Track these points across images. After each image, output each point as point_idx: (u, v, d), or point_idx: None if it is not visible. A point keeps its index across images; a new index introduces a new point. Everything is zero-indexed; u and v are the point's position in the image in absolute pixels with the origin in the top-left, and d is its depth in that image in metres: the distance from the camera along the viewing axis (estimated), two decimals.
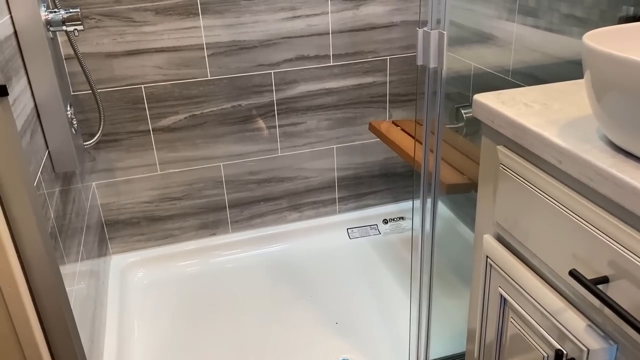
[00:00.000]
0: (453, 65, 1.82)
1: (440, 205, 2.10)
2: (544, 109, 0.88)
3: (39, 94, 1.17)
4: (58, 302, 0.92)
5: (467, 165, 1.49)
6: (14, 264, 0.86)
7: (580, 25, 1.27)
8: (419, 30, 0.97)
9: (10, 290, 0.86)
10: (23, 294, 0.89)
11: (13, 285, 0.87)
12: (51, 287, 0.92)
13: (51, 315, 0.94)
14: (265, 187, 1.95)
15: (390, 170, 2.07)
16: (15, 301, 0.88)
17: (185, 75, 1.72)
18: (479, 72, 1.70)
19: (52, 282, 0.91)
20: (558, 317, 0.81)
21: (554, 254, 0.81)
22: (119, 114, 1.71)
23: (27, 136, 1.09)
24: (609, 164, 0.68)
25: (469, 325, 1.14)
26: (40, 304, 0.92)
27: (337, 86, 1.88)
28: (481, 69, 1.69)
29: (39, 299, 0.92)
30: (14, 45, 1.10)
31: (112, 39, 1.62)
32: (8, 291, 0.86)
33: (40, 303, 0.92)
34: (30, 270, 0.90)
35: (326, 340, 1.57)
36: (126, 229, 1.87)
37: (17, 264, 0.87)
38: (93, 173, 1.77)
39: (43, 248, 0.89)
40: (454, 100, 1.86)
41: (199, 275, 1.88)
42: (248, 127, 1.84)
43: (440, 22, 0.94)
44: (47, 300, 0.93)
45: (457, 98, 1.85)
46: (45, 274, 0.91)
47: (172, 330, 1.64)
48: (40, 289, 0.92)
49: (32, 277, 0.90)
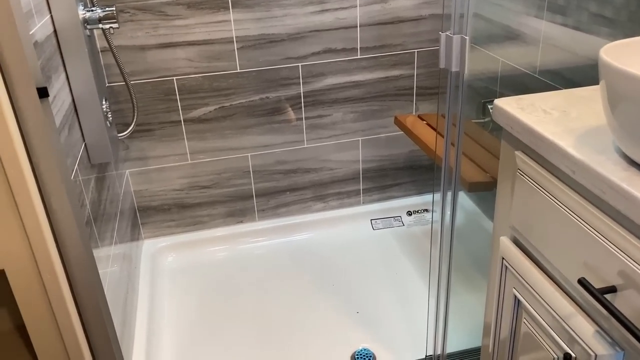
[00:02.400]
0: (480, 60, 1.82)
1: (465, 198, 2.11)
2: (563, 117, 0.89)
3: (77, 89, 1.23)
4: (93, 289, 0.99)
5: (491, 162, 1.50)
6: (53, 254, 0.92)
7: (609, 26, 1.25)
8: (441, 34, 0.99)
9: (50, 278, 0.93)
10: (61, 281, 0.95)
11: (52, 273, 0.93)
12: (86, 274, 0.98)
13: (86, 301, 1.01)
14: (291, 177, 2.00)
15: (415, 163, 2.09)
16: (54, 288, 0.94)
17: (216, 68, 1.77)
18: (507, 67, 1.70)
19: (87, 270, 0.98)
20: (568, 322, 0.84)
21: (566, 261, 0.83)
22: (152, 104, 1.77)
23: (66, 131, 1.15)
24: (620, 178, 0.69)
25: (485, 320, 1.16)
26: (76, 290, 0.98)
27: (364, 79, 1.90)
28: (509, 64, 1.68)
29: (75, 285, 0.98)
30: (53, 44, 1.16)
31: (145, 32, 1.68)
32: (48, 279, 0.93)
33: (76, 289, 0.98)
34: (68, 259, 0.96)
35: (347, 329, 1.61)
36: (157, 215, 1.95)
37: (56, 253, 0.93)
38: (127, 161, 1.84)
39: (79, 238, 0.95)
40: (481, 95, 1.86)
41: (226, 261, 1.94)
42: (275, 119, 1.88)
43: (462, 27, 0.95)
44: (83, 287, 0.99)
45: (484, 92, 1.85)
46: (81, 263, 0.97)
47: (200, 313, 1.71)
48: (76, 276, 0.98)
49: (70, 266, 0.96)
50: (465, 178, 1.40)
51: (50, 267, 0.93)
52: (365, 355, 1.52)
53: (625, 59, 0.75)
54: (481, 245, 1.91)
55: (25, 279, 0.92)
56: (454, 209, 1.31)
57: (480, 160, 1.52)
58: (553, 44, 1.46)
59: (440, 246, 1.36)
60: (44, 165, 0.89)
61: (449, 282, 1.37)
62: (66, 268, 0.97)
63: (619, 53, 0.75)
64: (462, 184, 1.42)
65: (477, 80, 1.86)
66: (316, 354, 1.53)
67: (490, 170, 1.46)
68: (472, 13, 0.94)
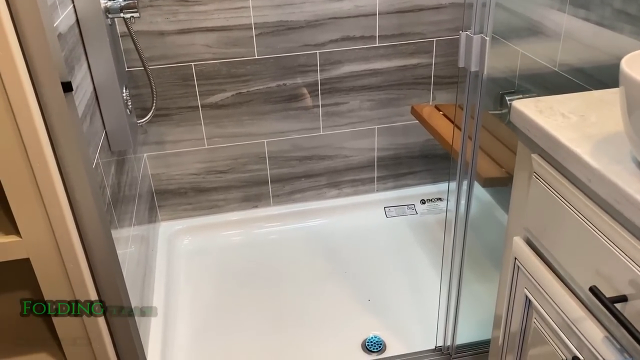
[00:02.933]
0: (500, 50, 1.80)
1: (480, 188, 2.11)
2: (581, 122, 0.89)
3: (98, 78, 1.25)
4: (112, 275, 1.02)
5: (507, 157, 1.50)
6: (75, 242, 0.95)
7: (632, 23, 1.24)
8: (461, 34, 0.98)
9: (72, 267, 0.96)
10: (83, 268, 0.98)
11: (75, 261, 0.96)
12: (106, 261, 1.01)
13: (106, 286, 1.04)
14: (307, 164, 2.01)
15: (431, 152, 2.09)
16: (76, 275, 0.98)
17: (234, 54, 1.77)
18: (526, 60, 1.68)
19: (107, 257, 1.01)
20: (578, 325, 0.85)
21: (578, 267, 0.84)
22: (170, 90, 1.79)
23: (88, 120, 1.17)
24: (635, 189, 0.70)
25: (496, 313, 1.18)
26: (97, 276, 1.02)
27: (382, 67, 1.89)
28: (528, 57, 1.67)
29: (96, 272, 1.01)
30: (76, 34, 1.17)
31: (164, 18, 1.68)
32: (70, 267, 0.96)
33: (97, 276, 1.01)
34: (90, 247, 0.99)
35: (358, 316, 1.64)
36: (174, 198, 1.98)
37: (79, 242, 0.96)
38: (145, 145, 1.86)
39: (101, 228, 0.98)
40: (500, 86, 1.84)
41: (241, 245, 1.97)
42: (292, 105, 1.89)
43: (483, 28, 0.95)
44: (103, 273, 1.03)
45: (502, 83, 1.83)
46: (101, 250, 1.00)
47: (214, 295, 1.75)
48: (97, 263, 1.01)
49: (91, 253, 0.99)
50: (480, 173, 1.41)
51: (73, 256, 0.96)
52: (375, 342, 1.55)
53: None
54: (494, 236, 1.91)
55: (48, 266, 0.96)
56: (468, 201, 1.32)
57: (496, 154, 1.52)
58: (574, 38, 1.44)
59: (453, 238, 1.37)
60: (68, 158, 0.91)
61: (461, 274, 1.38)
62: (87, 255, 1.00)
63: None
64: (477, 178, 1.42)
65: (496, 70, 1.84)
66: (327, 339, 1.57)
67: (505, 165, 1.46)
68: (493, 14, 0.94)
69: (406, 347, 1.51)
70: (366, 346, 1.54)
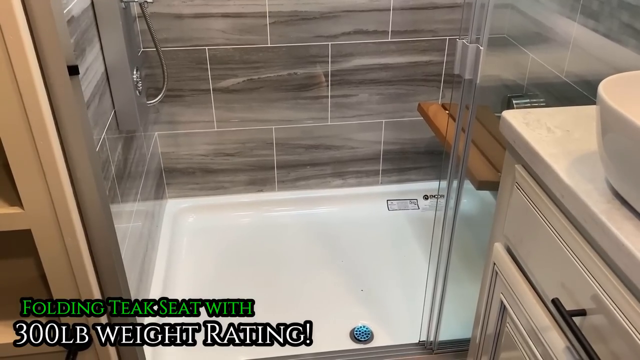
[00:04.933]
0: (511, 52, 1.80)
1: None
2: (565, 137, 0.91)
3: (110, 59, 1.30)
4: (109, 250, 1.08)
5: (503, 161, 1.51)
6: (75, 218, 1.01)
7: (637, 38, 1.24)
8: (458, 41, 1.00)
9: (71, 241, 1.02)
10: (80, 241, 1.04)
11: (73, 235, 1.02)
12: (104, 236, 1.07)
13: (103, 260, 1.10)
14: (313, 152, 2.05)
15: (436, 149, 2.10)
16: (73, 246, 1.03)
17: (247, 40, 1.80)
18: (535, 64, 1.68)
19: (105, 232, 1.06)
20: (544, 334, 0.88)
21: (546, 278, 0.86)
22: (184, 71, 1.83)
23: (97, 100, 1.22)
24: (601, 210, 0.72)
25: (477, 312, 1.21)
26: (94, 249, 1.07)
27: (393, 62, 1.91)
28: (538, 62, 1.67)
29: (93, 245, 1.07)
30: (90, 16, 1.22)
31: (181, 1, 1.72)
32: (69, 241, 1.02)
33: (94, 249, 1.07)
34: (88, 223, 1.04)
35: (350, 305, 1.69)
36: (182, 177, 2.04)
37: (78, 218, 1.02)
38: (156, 124, 1.91)
39: (100, 205, 1.03)
40: (509, 88, 1.85)
41: (244, 226, 2.03)
42: (302, 94, 1.92)
43: (480, 37, 0.97)
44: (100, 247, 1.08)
45: (511, 86, 1.84)
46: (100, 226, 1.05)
47: (213, 273, 1.81)
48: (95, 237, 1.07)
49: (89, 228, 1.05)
50: (475, 175, 1.43)
51: (71, 229, 1.01)
52: (364, 332, 1.59)
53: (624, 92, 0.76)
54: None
55: (48, 238, 1.01)
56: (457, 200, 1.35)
57: (494, 157, 1.53)
58: (582, 48, 1.44)
59: (441, 235, 1.40)
60: (71, 138, 0.96)
61: (446, 271, 1.41)
62: (86, 231, 1.06)
63: (619, 85, 0.76)
64: (472, 181, 1.44)
65: (506, 72, 1.85)
66: (318, 325, 1.62)
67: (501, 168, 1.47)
68: (490, 23, 0.95)
69: (392, 339, 1.55)
70: (354, 335, 1.59)
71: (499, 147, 1.59)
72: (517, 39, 1.77)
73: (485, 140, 1.64)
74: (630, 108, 0.72)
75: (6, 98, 0.86)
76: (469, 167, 1.46)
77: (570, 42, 1.49)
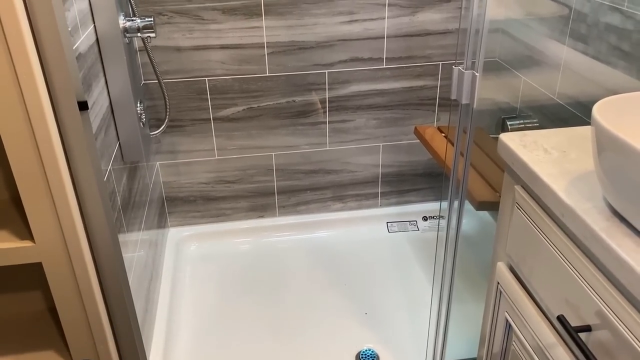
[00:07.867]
0: (503, 75, 1.85)
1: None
2: (562, 157, 0.94)
3: (114, 93, 1.33)
4: (118, 283, 1.09)
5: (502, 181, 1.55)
6: (85, 250, 1.02)
7: (625, 59, 1.28)
8: (454, 68, 1.04)
9: (81, 273, 1.03)
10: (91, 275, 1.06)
11: (84, 268, 1.04)
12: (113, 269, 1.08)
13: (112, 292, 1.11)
14: (313, 177, 2.07)
15: (434, 170, 2.14)
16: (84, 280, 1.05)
17: (246, 70, 1.84)
18: (528, 86, 1.73)
19: (114, 265, 1.08)
20: (550, 351, 0.90)
21: (550, 296, 0.88)
22: (184, 102, 1.87)
23: (102, 133, 1.25)
24: (600, 227, 0.75)
25: (482, 331, 1.23)
26: (104, 282, 1.09)
27: (388, 88, 1.95)
28: (530, 84, 1.71)
29: (103, 278, 1.08)
30: (95, 52, 1.25)
31: (181, 34, 1.76)
32: (80, 273, 1.03)
33: (104, 282, 1.09)
34: (98, 256, 1.06)
35: (354, 328, 1.70)
36: (184, 205, 2.06)
37: (88, 250, 1.03)
38: (158, 154, 1.94)
39: (109, 238, 1.05)
40: (502, 110, 1.89)
41: (246, 253, 2.04)
42: (300, 121, 1.96)
43: (475, 64, 1.01)
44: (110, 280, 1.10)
45: (505, 108, 1.88)
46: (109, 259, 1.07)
47: (217, 300, 1.82)
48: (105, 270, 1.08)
49: (99, 261, 1.06)
50: (474, 196, 1.45)
51: (82, 263, 1.03)
52: (369, 355, 1.60)
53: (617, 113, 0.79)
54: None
55: (59, 270, 1.03)
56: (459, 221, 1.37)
57: (492, 178, 1.56)
58: (573, 70, 1.49)
59: (444, 256, 1.42)
60: (80, 171, 0.99)
61: (450, 292, 1.43)
62: (96, 263, 1.07)
63: (612, 106, 0.80)
64: (472, 202, 1.47)
65: (500, 94, 1.89)
66: (323, 350, 1.62)
67: (500, 189, 1.50)
68: (484, 50, 0.99)
69: None
70: (360, 358, 1.59)
71: (496, 168, 1.62)
72: (509, 62, 1.82)
73: (482, 161, 1.67)
74: (624, 129, 0.76)
75: (18, 133, 0.88)
76: (468, 189, 1.49)
77: (561, 65, 1.54)
